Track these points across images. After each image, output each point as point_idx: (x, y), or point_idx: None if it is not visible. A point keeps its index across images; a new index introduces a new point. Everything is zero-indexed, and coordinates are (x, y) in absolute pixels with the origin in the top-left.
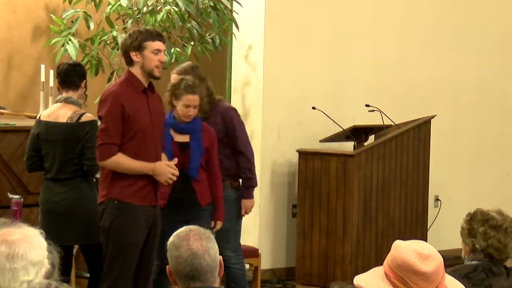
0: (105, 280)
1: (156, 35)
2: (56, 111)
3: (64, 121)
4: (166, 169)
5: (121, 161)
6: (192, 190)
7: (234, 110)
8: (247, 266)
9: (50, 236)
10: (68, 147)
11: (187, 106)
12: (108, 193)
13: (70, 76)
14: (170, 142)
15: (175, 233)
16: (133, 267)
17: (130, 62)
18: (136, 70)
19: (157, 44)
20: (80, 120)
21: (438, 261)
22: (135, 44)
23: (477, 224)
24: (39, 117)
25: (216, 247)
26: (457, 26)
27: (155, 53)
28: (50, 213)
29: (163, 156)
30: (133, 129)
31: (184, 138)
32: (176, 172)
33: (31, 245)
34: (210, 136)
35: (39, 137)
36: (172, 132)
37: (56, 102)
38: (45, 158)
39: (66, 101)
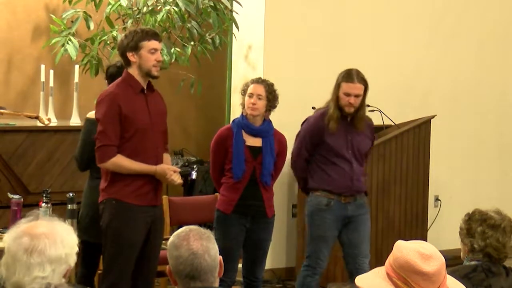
0: (104, 281)
1: (152, 35)
2: None
3: None
4: (167, 176)
5: (121, 162)
6: (260, 198)
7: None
8: None
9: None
10: None
11: (250, 95)
12: (107, 193)
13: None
14: (243, 146)
15: (175, 233)
16: (131, 267)
17: (127, 62)
18: (133, 71)
19: (153, 43)
20: None
21: (440, 261)
22: (131, 44)
23: (475, 224)
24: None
25: (216, 247)
26: (457, 26)
27: (151, 52)
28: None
29: (167, 156)
30: (131, 129)
31: (256, 142)
32: (179, 179)
33: (54, 241)
34: (281, 142)
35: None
36: (244, 135)
37: None
38: None
39: None
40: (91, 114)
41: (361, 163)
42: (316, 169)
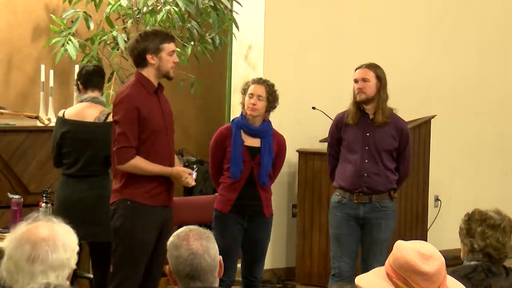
0: (112, 280)
1: (170, 37)
2: (83, 110)
3: (92, 120)
4: (182, 178)
5: (139, 164)
6: (258, 198)
7: None
8: None
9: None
10: (95, 146)
11: (251, 96)
12: (120, 193)
13: (97, 77)
14: (241, 146)
15: (175, 233)
16: (142, 268)
17: (143, 64)
18: (148, 72)
19: (172, 46)
20: (107, 120)
21: (440, 261)
22: (151, 46)
23: (475, 224)
24: (63, 116)
25: (216, 247)
26: (457, 25)
27: (170, 54)
28: (74, 208)
29: (176, 159)
30: (147, 130)
31: (255, 143)
32: (193, 182)
33: (55, 247)
34: (280, 143)
35: (64, 136)
36: (242, 135)
37: (82, 101)
38: (67, 155)
39: (93, 100)
40: (61, 113)
41: (377, 161)
42: (338, 167)
